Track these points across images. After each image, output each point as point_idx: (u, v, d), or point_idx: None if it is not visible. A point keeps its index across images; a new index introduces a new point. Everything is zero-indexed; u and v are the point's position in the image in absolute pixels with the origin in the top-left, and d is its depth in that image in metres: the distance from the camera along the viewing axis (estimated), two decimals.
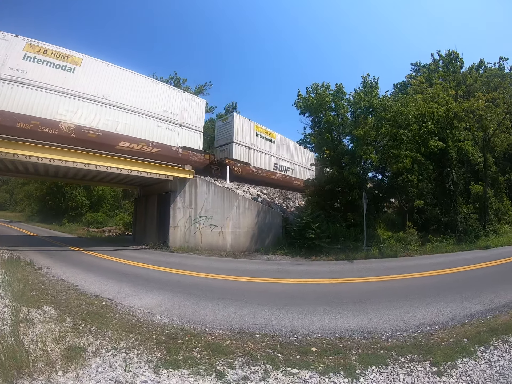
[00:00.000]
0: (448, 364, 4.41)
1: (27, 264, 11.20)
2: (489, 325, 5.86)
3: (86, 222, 37.24)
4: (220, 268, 12.79)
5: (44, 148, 14.15)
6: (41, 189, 44.64)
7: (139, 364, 4.39)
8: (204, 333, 5.69)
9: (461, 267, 11.96)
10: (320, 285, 9.92)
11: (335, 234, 17.67)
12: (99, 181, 23.31)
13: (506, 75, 34.09)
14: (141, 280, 10.20)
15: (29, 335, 5.12)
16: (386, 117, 18.09)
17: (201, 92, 46.80)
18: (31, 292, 7.76)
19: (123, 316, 6.49)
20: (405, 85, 37.45)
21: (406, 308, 7.06)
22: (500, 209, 24.20)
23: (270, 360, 4.59)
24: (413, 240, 17.74)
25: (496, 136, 23.84)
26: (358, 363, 4.49)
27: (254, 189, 23.88)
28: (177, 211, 18.46)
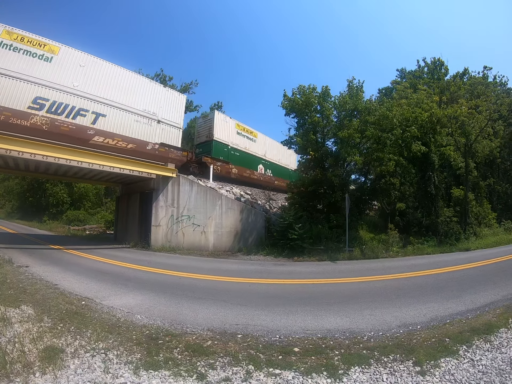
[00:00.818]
0: (431, 363, 4.44)
1: (5, 262, 10.98)
2: (470, 325, 5.94)
3: (67, 219, 36.75)
4: (202, 268, 12.69)
5: (26, 142, 13.86)
6: (22, 185, 43.98)
7: (118, 365, 4.29)
8: (185, 334, 5.60)
9: (442, 269, 12.14)
10: (302, 286, 9.91)
11: (317, 235, 17.75)
12: (80, 178, 22.94)
13: (490, 83, 34.85)
14: (121, 279, 10.04)
15: (6, 335, 4.98)
16: (370, 120, 18.25)
17: (187, 91, 46.58)
18: (9, 291, 7.56)
19: (102, 316, 6.36)
20: (390, 90, 37.98)
21: (388, 308, 7.10)
22: (480, 213, 24.76)
23: (252, 360, 4.54)
24: (394, 242, 17.93)
25: (477, 142, 24.37)
26: (341, 363, 4.48)
27: (237, 189, 23.82)
28: (159, 210, 18.27)
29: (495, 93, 31.49)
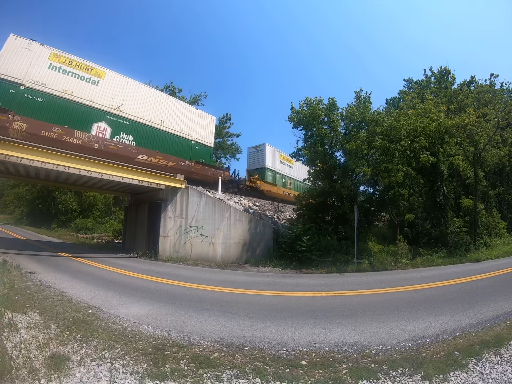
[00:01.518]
0: (440, 377, 4.39)
1: (14, 268, 11.03)
2: (480, 338, 5.87)
3: (75, 227, 36.90)
4: (210, 279, 12.66)
5: (36, 151, 13.97)
6: (32, 192, 44.35)
7: (124, 375, 4.29)
8: (191, 345, 5.59)
9: (452, 280, 11.98)
10: (310, 298, 9.82)
11: (326, 247, 17.62)
12: (90, 187, 23.09)
13: (497, 91, 34.77)
14: (129, 289, 10.05)
15: (12, 340, 5.01)
16: (378, 131, 18.24)
17: (196, 102, 46.91)
18: (17, 297, 7.61)
19: (109, 325, 6.37)
20: (397, 100, 37.99)
21: (397, 321, 7.01)
22: (490, 222, 24.49)
23: (259, 373, 4.51)
24: (403, 254, 17.75)
25: (486, 151, 24.23)
26: (348, 377, 4.43)
27: (246, 201, 23.84)
28: (167, 220, 18.30)
29: (503, 100, 31.38)
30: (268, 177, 31.84)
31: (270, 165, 32.69)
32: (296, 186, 36.30)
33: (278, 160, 34.28)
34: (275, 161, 33.81)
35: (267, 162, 32.34)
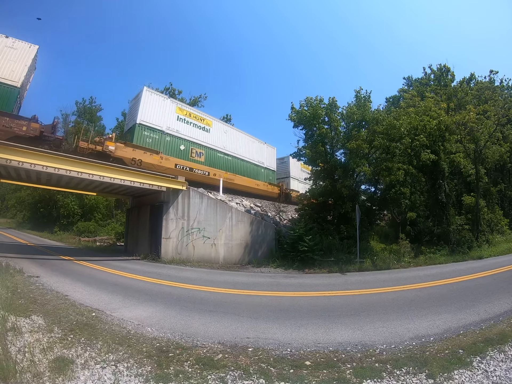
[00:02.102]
0: (444, 375, 4.38)
1: (17, 272, 11.04)
2: (484, 335, 5.85)
3: (77, 231, 36.95)
4: (213, 280, 12.65)
5: (37, 155, 14.00)
6: (33, 196, 44.44)
7: (128, 377, 4.29)
8: (195, 347, 5.59)
9: (455, 278, 11.96)
10: (313, 298, 9.82)
11: (328, 246, 17.60)
12: (91, 190, 23.11)
13: (497, 87, 34.67)
14: (132, 291, 10.06)
15: (16, 344, 5.01)
16: (378, 130, 18.22)
17: (196, 104, 46.93)
18: (20, 301, 7.63)
19: (113, 328, 6.37)
20: (397, 99, 37.94)
21: (400, 320, 7.01)
22: (492, 219, 24.41)
23: (263, 374, 4.51)
24: (406, 252, 17.71)
25: (487, 148, 24.16)
26: (353, 377, 4.43)
27: (247, 202, 23.85)
28: (169, 222, 18.32)
29: (503, 97, 31.30)
30: (142, 138, 21.23)
31: (147, 120, 21.69)
32: (213, 158, 25.96)
33: (171, 115, 23.28)
34: (163, 116, 22.77)
35: (142, 116, 21.51)
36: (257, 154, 30.98)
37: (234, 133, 29.32)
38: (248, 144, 30.23)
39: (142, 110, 21.23)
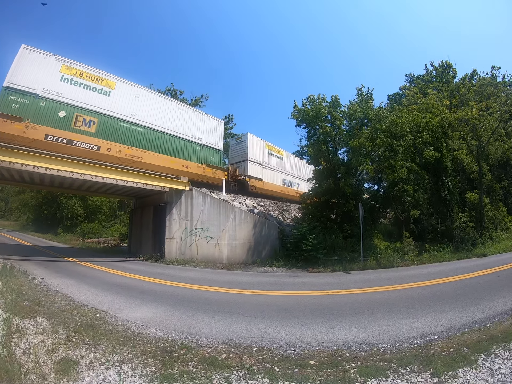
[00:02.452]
0: (449, 374, 4.36)
1: (21, 274, 11.13)
2: (489, 333, 5.83)
3: (81, 232, 37.11)
4: (216, 280, 12.67)
5: (40, 157, 14.09)
6: (37, 198, 44.56)
7: (133, 378, 4.31)
8: (200, 347, 5.60)
9: (459, 276, 11.93)
10: (317, 297, 9.80)
11: (331, 245, 17.58)
12: (95, 192, 23.22)
13: (499, 83, 34.59)
14: (136, 292, 10.08)
15: (21, 346, 5.04)
16: (381, 128, 18.16)
17: (197, 104, 46.99)
18: (24, 303, 7.66)
19: (117, 328, 6.39)
20: (399, 96, 37.92)
21: (404, 318, 6.99)
22: (496, 216, 24.29)
23: (268, 374, 4.51)
24: (410, 250, 17.68)
25: (490, 144, 24.06)
26: (357, 376, 4.42)
27: (250, 201, 23.86)
28: (173, 223, 18.37)
29: (505, 93, 31.05)
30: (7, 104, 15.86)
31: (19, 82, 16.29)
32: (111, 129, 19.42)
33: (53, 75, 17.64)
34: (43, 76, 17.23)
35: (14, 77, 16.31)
36: (190, 127, 23.87)
37: (152, 98, 22.37)
38: (175, 114, 23.24)
39: (15, 70, 16.37)
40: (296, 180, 34.12)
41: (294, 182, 33.85)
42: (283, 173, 32.27)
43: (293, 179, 33.74)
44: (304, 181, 31.62)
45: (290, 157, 31.79)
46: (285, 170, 32.76)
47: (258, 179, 28.00)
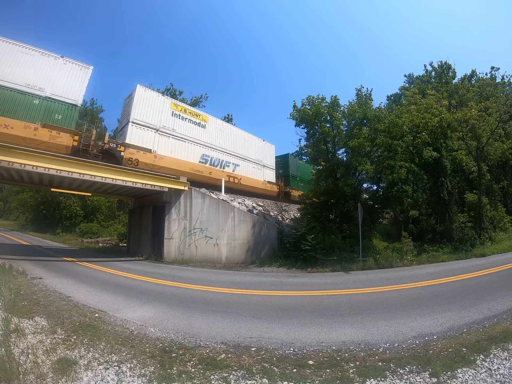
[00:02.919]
0: (448, 374, 4.36)
1: (20, 274, 11.11)
2: (488, 333, 5.84)
3: (80, 232, 37.07)
4: (215, 280, 12.65)
5: (39, 157, 14.06)
6: (36, 198, 44.47)
7: (132, 378, 4.30)
8: (198, 347, 5.59)
9: (458, 276, 11.94)
10: (316, 297, 9.79)
11: (330, 245, 17.59)
12: (94, 191, 23.17)
13: (498, 84, 34.59)
14: (134, 292, 10.06)
15: (19, 346, 5.03)
16: (380, 128, 18.19)
17: (197, 104, 46.93)
18: (23, 302, 7.65)
19: (116, 328, 6.37)
20: (398, 97, 37.98)
21: (403, 318, 6.99)
22: (495, 217, 24.36)
23: (266, 374, 4.50)
24: (409, 250, 17.69)
25: (489, 145, 24.11)
26: (356, 376, 4.42)
27: (249, 201, 23.86)
28: (172, 223, 18.34)
29: (504, 93, 31.20)
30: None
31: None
32: None
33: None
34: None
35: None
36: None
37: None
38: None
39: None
40: (233, 159, 26.61)
41: (226, 161, 25.90)
42: (204, 146, 23.95)
43: (225, 157, 25.73)
44: (256, 164, 29.03)
45: (227, 128, 27.56)
46: (210, 144, 24.51)
47: (146, 151, 20.32)
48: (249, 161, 28.26)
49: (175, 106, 22.84)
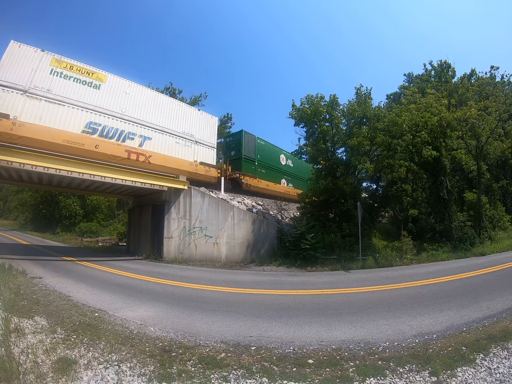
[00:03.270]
0: (448, 373, 4.37)
1: (19, 273, 11.11)
2: (487, 332, 5.84)
3: (79, 231, 37.09)
4: (215, 279, 12.66)
5: (38, 156, 14.05)
6: (35, 197, 44.51)
7: (131, 377, 4.30)
8: (198, 346, 5.59)
9: (458, 275, 11.92)
10: (316, 296, 9.79)
11: (330, 244, 17.57)
12: (93, 191, 23.18)
13: (498, 83, 34.53)
14: (134, 291, 10.06)
15: (19, 345, 5.03)
16: (380, 127, 18.18)
17: (196, 103, 46.87)
18: (23, 302, 7.66)
19: (115, 328, 6.38)
20: (398, 95, 37.93)
21: (403, 317, 7.00)
22: (494, 216, 24.34)
23: (266, 373, 4.51)
24: (408, 249, 17.69)
25: (489, 144, 24.06)
26: (356, 375, 4.42)
27: (249, 200, 23.86)
28: (171, 222, 18.35)
29: (504, 92, 31.09)
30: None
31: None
32: None
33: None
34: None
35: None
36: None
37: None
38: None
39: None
40: (141, 130, 19.63)
41: (130, 132, 19.08)
42: (93, 112, 17.84)
43: (128, 127, 19.08)
44: (182, 139, 21.82)
45: (136, 90, 20.26)
46: (104, 109, 18.32)
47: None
48: (170, 135, 20.93)
49: (58, 62, 16.98)
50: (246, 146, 27.05)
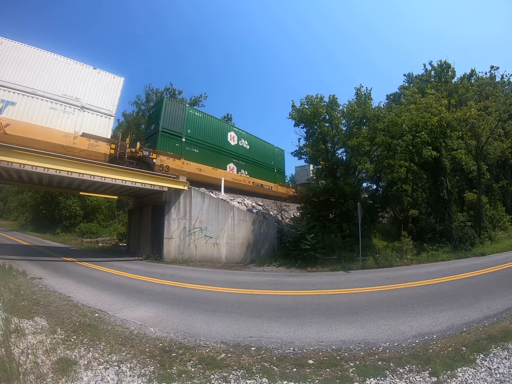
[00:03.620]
0: (448, 373, 4.36)
1: (19, 274, 11.10)
2: (487, 333, 5.83)
3: (80, 232, 37.03)
4: (215, 280, 12.65)
5: (38, 157, 14.04)
6: (35, 198, 44.46)
7: (132, 377, 4.30)
8: (198, 346, 5.59)
9: (458, 275, 11.92)
10: (316, 297, 9.77)
11: (330, 245, 17.57)
12: (93, 191, 23.14)
13: (498, 83, 34.53)
14: (134, 291, 10.06)
15: (19, 346, 5.03)
16: (380, 127, 18.19)
17: (196, 104, 46.93)
18: (23, 303, 7.65)
19: (115, 328, 6.38)
20: (398, 96, 37.90)
21: (403, 318, 6.99)
22: (494, 216, 24.33)
23: (266, 373, 4.51)
24: (408, 249, 17.68)
25: (489, 144, 24.08)
26: (356, 375, 4.42)
27: (249, 200, 23.87)
28: (171, 222, 18.34)
29: (504, 92, 31.11)
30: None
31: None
32: None
33: None
34: None
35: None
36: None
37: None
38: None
39: None
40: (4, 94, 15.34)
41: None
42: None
43: None
44: (62, 104, 17.13)
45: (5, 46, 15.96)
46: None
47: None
48: (43, 99, 16.35)
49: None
50: (167, 117, 21.89)
